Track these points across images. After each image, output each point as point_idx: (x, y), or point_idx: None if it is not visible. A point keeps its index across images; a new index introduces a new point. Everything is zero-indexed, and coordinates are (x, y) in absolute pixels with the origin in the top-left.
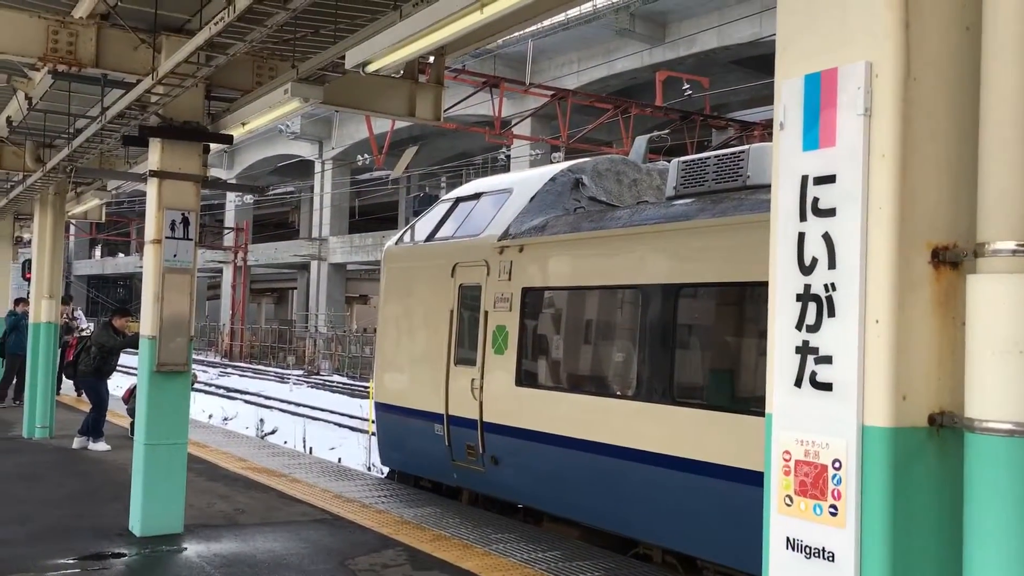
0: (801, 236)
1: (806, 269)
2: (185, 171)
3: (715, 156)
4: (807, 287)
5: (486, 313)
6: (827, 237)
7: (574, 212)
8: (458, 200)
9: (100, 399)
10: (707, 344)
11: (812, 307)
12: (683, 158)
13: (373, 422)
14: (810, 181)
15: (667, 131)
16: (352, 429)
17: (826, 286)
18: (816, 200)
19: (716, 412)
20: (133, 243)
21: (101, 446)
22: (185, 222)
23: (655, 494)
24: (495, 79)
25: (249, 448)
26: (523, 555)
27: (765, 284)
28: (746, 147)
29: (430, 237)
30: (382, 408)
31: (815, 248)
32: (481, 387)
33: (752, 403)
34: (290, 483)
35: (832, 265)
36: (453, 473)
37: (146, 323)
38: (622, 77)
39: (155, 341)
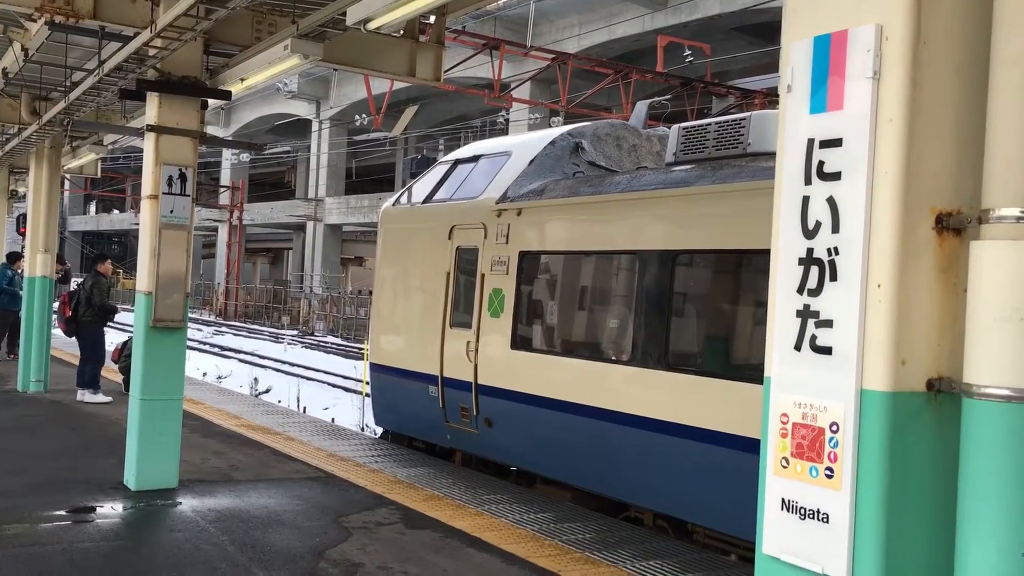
0: (805, 200)
1: (809, 233)
2: (183, 126)
3: (716, 123)
4: (810, 251)
5: (482, 276)
6: (831, 201)
7: (573, 176)
8: (457, 162)
9: (100, 350)
10: (703, 311)
11: (814, 271)
12: (683, 124)
13: (367, 383)
14: (816, 145)
15: (667, 97)
16: (346, 390)
17: (829, 250)
18: (821, 164)
19: (711, 379)
20: (128, 200)
21: (100, 398)
22: (182, 178)
23: (648, 458)
24: (495, 41)
25: (244, 406)
26: (515, 516)
27: (763, 252)
28: (747, 114)
29: (428, 199)
30: (377, 369)
31: (819, 212)
32: (476, 350)
33: (747, 370)
34: (284, 441)
35: (836, 229)
36: (447, 434)
37: (142, 279)
38: (623, 42)
39: (151, 297)
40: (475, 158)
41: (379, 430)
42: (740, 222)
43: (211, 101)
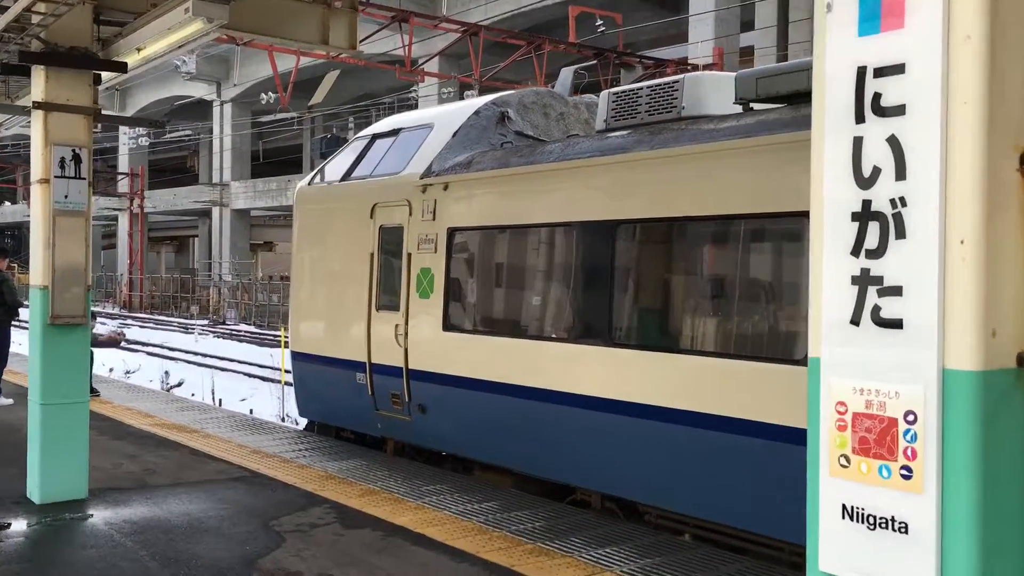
0: (857, 142)
1: (865, 182)
2: (74, 103)
3: (648, 87)
4: (866, 204)
5: (409, 255)
6: (894, 141)
7: (501, 147)
8: (375, 137)
9: (4, 350)
10: (647, 283)
11: (874, 228)
12: (613, 90)
13: (288, 372)
14: (869, 73)
15: (583, 67)
16: (263, 379)
17: (893, 201)
18: (878, 96)
19: (658, 353)
20: (20, 190)
21: (3, 400)
22: (76, 159)
23: (594, 439)
24: (404, 13)
25: (156, 403)
26: (459, 507)
27: (713, 219)
28: (680, 76)
29: (346, 176)
30: (299, 358)
31: (877, 155)
32: (406, 333)
33: (694, 342)
34: (203, 439)
35: (901, 176)
36: (377, 423)
37: (36, 272)
38: (531, 16)
39: (47, 291)
40: (394, 132)
41: (303, 421)
42: (687, 188)
43: (104, 75)
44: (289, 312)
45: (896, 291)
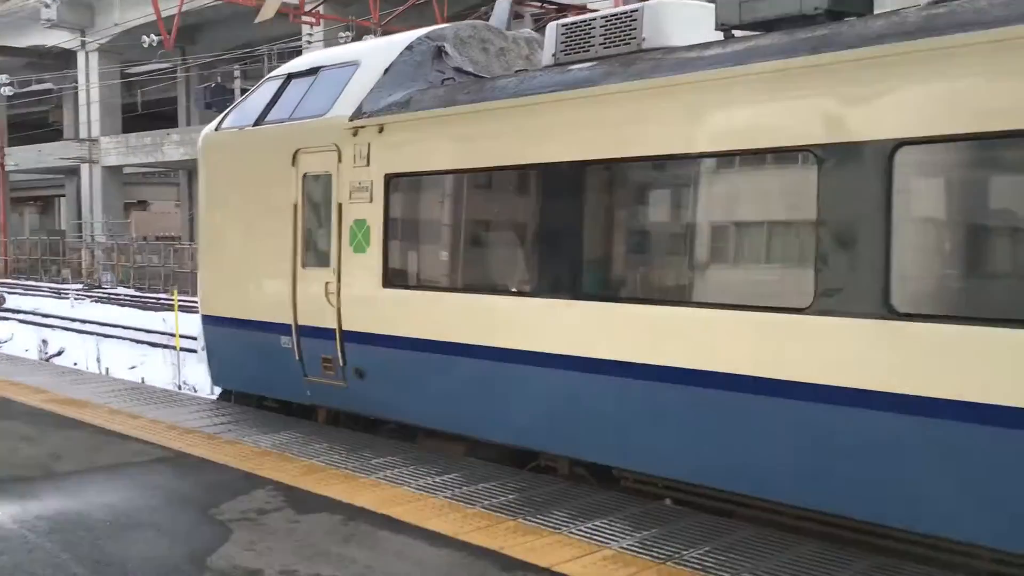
0: None
1: None
2: None
3: (602, 17)
4: None
5: (340, 206)
6: None
7: (442, 84)
8: (290, 76)
9: None
10: (624, 230)
11: None
12: (563, 21)
13: (185, 337)
14: None
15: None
16: (152, 345)
17: None
18: None
19: (636, 306)
20: None
21: None
22: None
23: (563, 400)
24: None
25: (47, 375)
26: (418, 482)
27: (711, 155)
28: (639, 5)
29: (260, 120)
30: (212, 322)
31: None
32: (338, 291)
33: (672, 292)
34: (109, 415)
35: None
36: (306, 390)
37: None
38: None
39: None
40: (313, 71)
41: (202, 389)
42: (676, 122)
43: None
44: (198, 272)
45: None
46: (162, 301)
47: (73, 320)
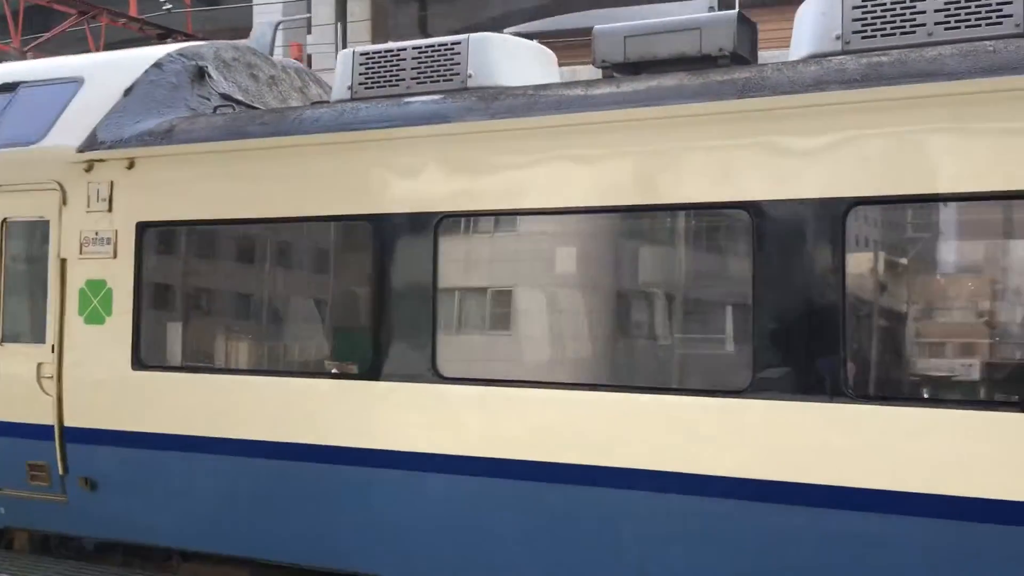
0: None
1: None
2: None
3: (415, 48)
4: None
5: (63, 262)
6: None
7: (216, 112)
8: None
9: None
10: (502, 294)
11: None
12: (361, 50)
13: None
14: None
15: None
16: None
17: None
18: None
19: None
20: None
21: None
22: None
23: (383, 508)
24: None
25: None
26: None
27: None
28: (463, 37)
29: None
30: None
31: None
32: (59, 375)
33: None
34: None
35: None
36: None
37: None
38: None
39: None
40: (8, 87)
41: None
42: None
43: None
44: None
45: None
46: None
47: None
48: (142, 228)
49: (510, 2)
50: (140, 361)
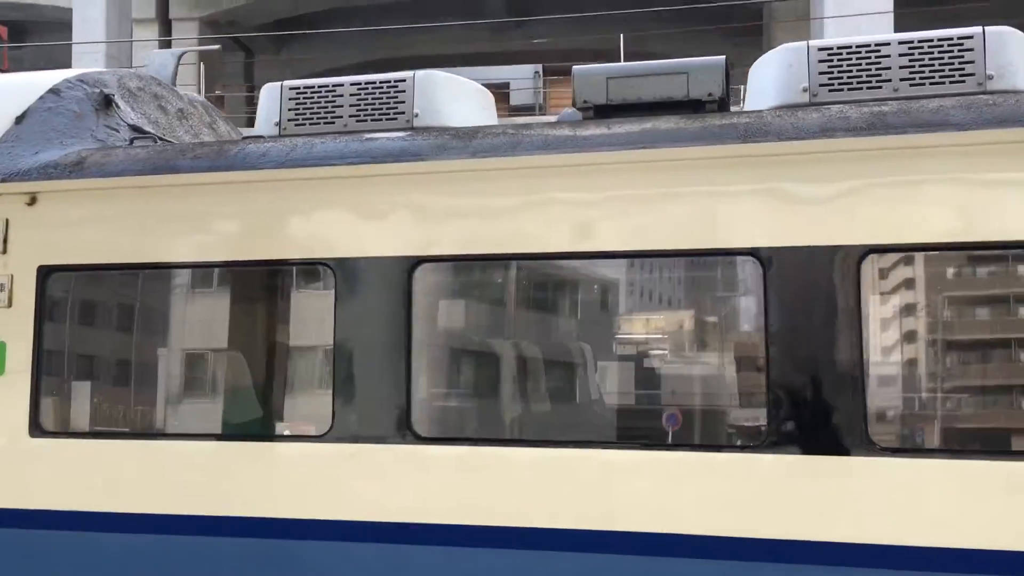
0: None
1: None
2: None
3: (352, 84)
4: None
5: None
6: None
7: (132, 144)
8: None
9: None
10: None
11: None
12: (288, 83)
13: None
14: None
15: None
16: None
17: None
18: None
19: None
20: None
21: None
22: None
23: None
24: None
25: None
26: None
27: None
28: (408, 74)
29: None
30: None
31: None
32: None
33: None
34: None
35: None
36: None
37: None
38: None
39: None
40: None
41: None
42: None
43: None
44: None
45: None
46: None
47: None
48: (45, 272)
49: (338, 58)
50: (41, 425)
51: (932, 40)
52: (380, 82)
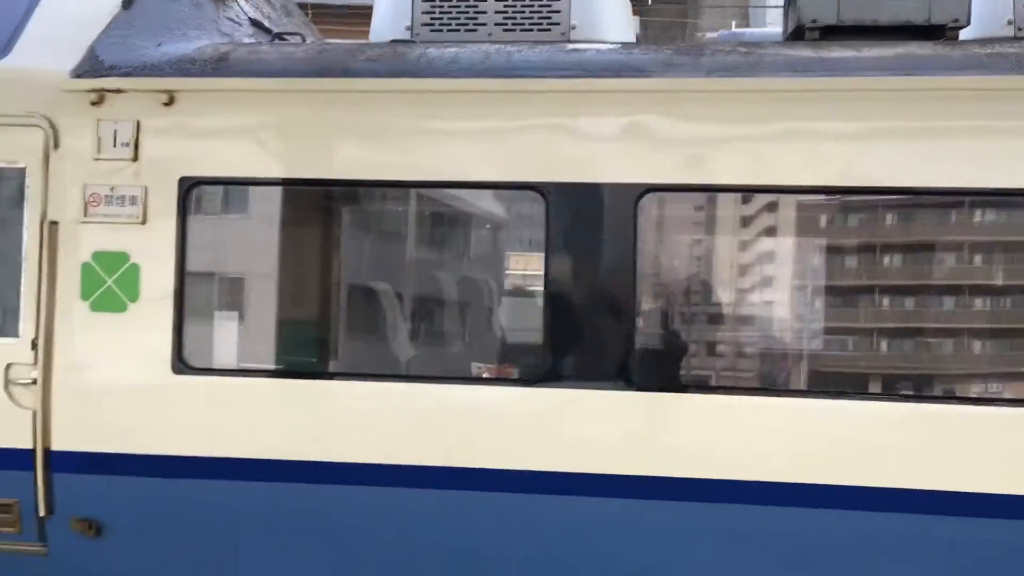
0: None
1: None
2: None
3: None
4: None
5: (51, 226)
6: None
7: (273, 42)
8: None
9: None
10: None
11: None
12: None
13: None
14: None
15: None
16: None
17: None
18: None
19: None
20: None
21: None
22: None
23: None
24: None
25: None
26: None
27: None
28: None
29: None
30: None
31: None
32: (45, 379)
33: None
34: None
35: None
36: None
37: None
38: None
39: None
40: None
41: None
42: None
43: None
44: None
45: None
46: None
47: None
48: (188, 186)
49: None
50: (186, 362)
51: None
52: None
